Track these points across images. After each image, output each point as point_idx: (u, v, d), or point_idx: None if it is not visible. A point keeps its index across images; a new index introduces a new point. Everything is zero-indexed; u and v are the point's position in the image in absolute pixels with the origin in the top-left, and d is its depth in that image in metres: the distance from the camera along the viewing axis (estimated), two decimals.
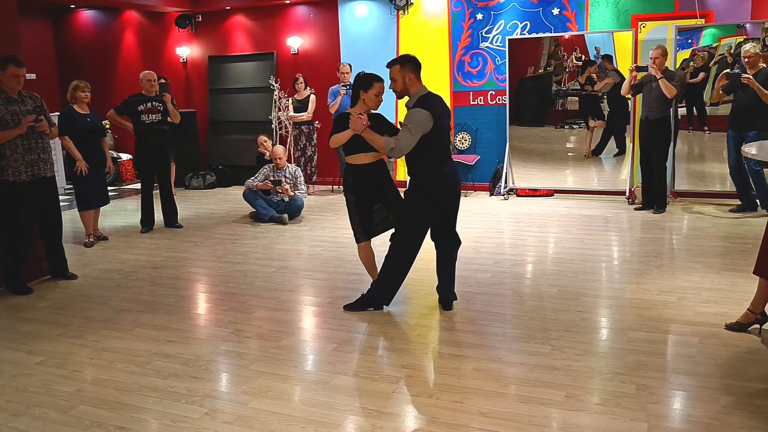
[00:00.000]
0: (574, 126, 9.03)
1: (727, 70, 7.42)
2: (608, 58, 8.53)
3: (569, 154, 9.11)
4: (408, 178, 4.71)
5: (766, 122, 6.98)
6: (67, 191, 9.95)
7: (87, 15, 12.11)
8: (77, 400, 3.52)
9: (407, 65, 4.44)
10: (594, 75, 8.63)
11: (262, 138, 9.06)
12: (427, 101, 4.40)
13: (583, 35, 8.69)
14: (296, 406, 3.38)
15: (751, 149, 4.91)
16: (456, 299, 4.74)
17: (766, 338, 3.97)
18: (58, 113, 6.88)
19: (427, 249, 4.71)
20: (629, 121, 8.51)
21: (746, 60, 6.98)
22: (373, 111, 4.66)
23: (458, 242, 4.75)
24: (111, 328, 4.58)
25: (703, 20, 7.98)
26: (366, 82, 4.57)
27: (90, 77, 8.50)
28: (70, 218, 8.01)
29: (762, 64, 6.99)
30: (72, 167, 6.76)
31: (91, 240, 7.04)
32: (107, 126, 9.55)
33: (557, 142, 9.18)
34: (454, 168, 4.63)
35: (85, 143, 6.72)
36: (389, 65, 4.50)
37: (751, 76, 6.81)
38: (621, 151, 8.67)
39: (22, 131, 5.24)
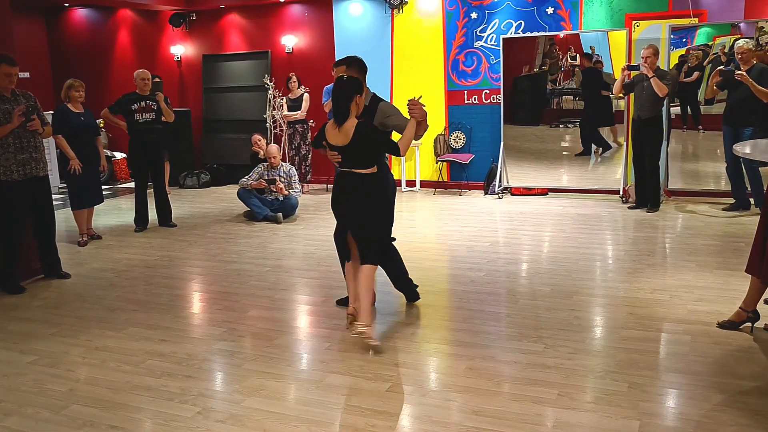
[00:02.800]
0: (569, 125, 9.05)
1: (721, 67, 7.45)
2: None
3: (564, 153, 9.12)
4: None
5: (760, 118, 7.01)
6: (60, 190, 9.92)
7: (81, 13, 12.07)
8: (70, 399, 3.52)
9: (353, 66, 4.38)
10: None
11: (256, 137, 9.04)
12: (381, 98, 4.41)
13: (578, 34, 8.70)
14: (289, 405, 3.38)
15: (744, 148, 4.92)
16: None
17: (758, 336, 3.99)
18: (52, 112, 6.86)
19: (417, 248, 4.72)
20: (613, 121, 8.57)
21: (739, 56, 7.01)
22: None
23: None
24: (104, 327, 4.57)
25: (696, 20, 8.01)
26: (360, 86, 4.16)
27: (84, 76, 8.48)
28: (64, 217, 7.99)
29: (755, 60, 7.02)
30: (66, 166, 6.75)
31: (84, 239, 7.02)
32: (101, 125, 9.52)
33: (552, 141, 9.19)
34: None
35: (78, 142, 6.71)
36: (336, 65, 4.48)
37: (744, 73, 6.83)
38: (605, 148, 8.79)
39: (15, 126, 5.22)
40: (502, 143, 9.03)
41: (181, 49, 11.39)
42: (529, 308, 4.67)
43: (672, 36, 8.07)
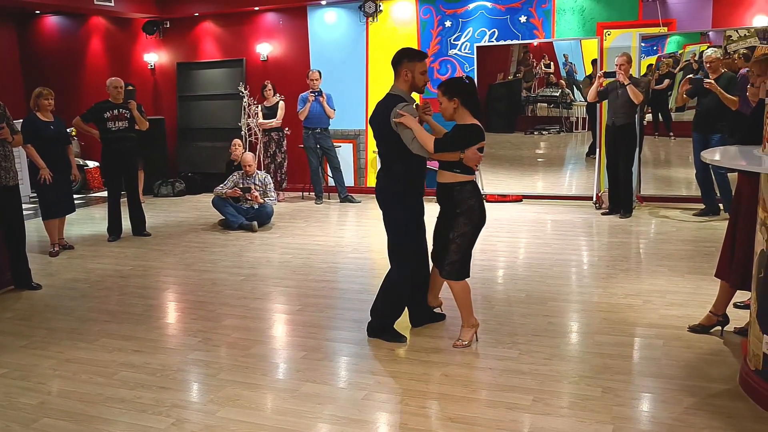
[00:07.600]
0: (543, 132, 9.14)
1: (690, 75, 7.58)
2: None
3: (538, 159, 9.20)
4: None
5: (728, 125, 7.13)
6: (31, 199, 9.77)
7: (52, 21, 11.93)
8: (41, 412, 3.46)
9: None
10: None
11: (237, 141, 9.02)
12: None
13: (551, 42, 8.80)
14: (265, 415, 3.36)
15: (713, 155, 4.99)
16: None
17: (728, 340, 4.05)
18: (23, 120, 6.77)
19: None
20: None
21: (708, 65, 7.14)
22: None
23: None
24: (76, 338, 4.51)
25: (665, 28, 8.14)
26: None
27: (56, 84, 8.38)
28: (35, 227, 7.87)
29: (723, 69, 7.15)
30: (36, 175, 6.65)
31: (56, 249, 6.92)
32: (73, 133, 9.41)
33: (527, 148, 9.28)
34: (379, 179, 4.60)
35: (49, 151, 6.62)
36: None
37: (713, 81, 6.96)
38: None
39: None
40: None
41: (154, 57, 11.30)
42: (504, 314, 4.69)
43: (642, 44, 8.19)
